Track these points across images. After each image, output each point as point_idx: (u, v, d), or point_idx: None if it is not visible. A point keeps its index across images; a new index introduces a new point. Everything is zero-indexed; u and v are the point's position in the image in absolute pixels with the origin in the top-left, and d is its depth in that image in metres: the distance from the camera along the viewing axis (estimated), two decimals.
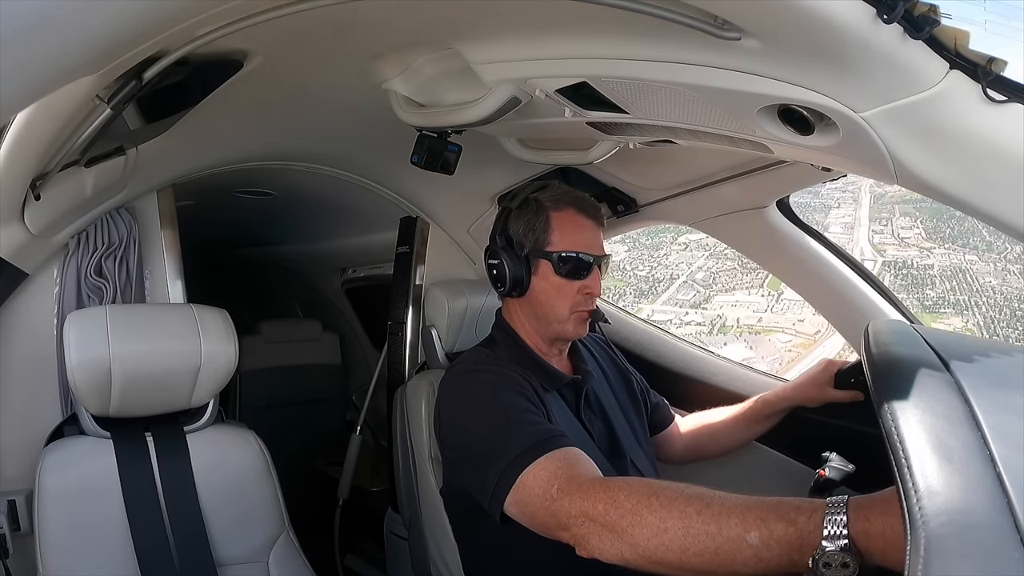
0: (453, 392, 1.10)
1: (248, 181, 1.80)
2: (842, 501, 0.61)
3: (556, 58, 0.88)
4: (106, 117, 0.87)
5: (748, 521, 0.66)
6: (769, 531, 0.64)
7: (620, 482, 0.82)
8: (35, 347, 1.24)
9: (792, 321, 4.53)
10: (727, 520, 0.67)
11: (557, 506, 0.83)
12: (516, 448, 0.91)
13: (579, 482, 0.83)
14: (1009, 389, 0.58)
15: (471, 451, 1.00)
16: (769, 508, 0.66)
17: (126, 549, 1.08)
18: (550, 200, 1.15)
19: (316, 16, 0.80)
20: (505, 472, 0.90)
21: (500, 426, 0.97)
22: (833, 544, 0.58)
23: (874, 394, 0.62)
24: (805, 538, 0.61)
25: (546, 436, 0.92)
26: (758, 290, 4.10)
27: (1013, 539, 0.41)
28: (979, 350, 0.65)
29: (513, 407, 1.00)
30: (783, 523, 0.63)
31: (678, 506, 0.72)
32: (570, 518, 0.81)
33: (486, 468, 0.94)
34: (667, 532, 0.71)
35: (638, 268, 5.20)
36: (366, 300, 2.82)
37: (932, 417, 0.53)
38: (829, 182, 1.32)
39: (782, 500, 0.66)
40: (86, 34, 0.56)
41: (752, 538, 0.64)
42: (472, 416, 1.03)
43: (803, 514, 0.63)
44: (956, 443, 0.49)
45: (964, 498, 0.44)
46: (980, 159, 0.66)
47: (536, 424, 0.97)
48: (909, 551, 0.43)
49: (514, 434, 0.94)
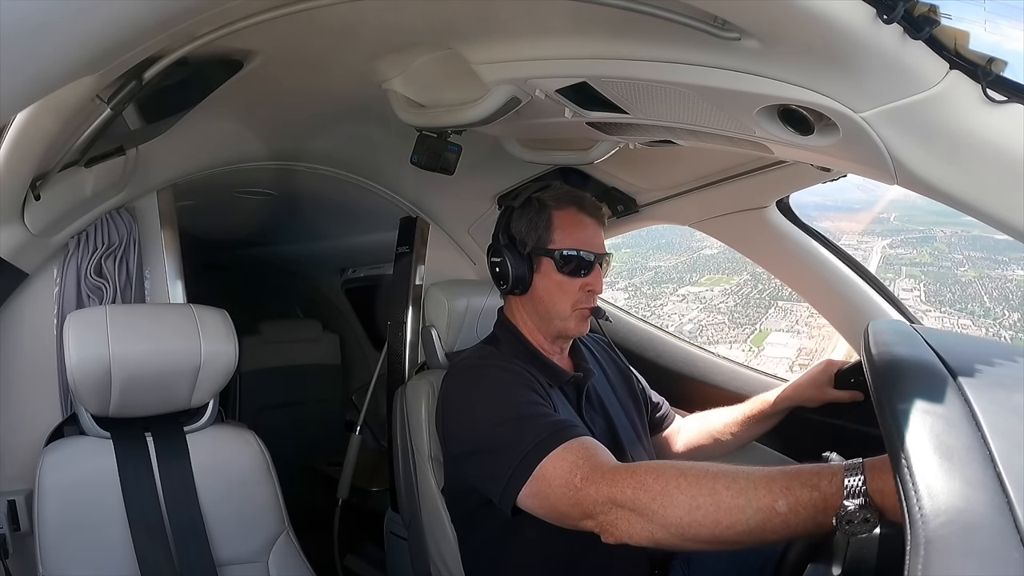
0: (458, 387, 1.10)
1: (248, 181, 1.80)
2: (858, 464, 0.65)
3: (556, 58, 0.88)
4: (106, 117, 0.87)
5: (775, 491, 0.70)
6: (796, 497, 0.68)
7: (645, 466, 0.84)
8: (35, 347, 1.24)
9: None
10: (755, 492, 0.71)
11: (583, 495, 0.84)
12: (530, 440, 0.91)
13: (603, 470, 0.84)
14: (1009, 389, 0.58)
15: (479, 445, 1.00)
16: (792, 476, 0.70)
17: (126, 549, 1.07)
18: (552, 199, 1.16)
19: (316, 16, 0.80)
20: (520, 464, 0.90)
21: (510, 419, 0.97)
22: (853, 503, 0.62)
23: (874, 394, 0.62)
24: (828, 500, 0.66)
25: (560, 427, 0.93)
26: (740, 345, 4.14)
27: (1013, 539, 0.41)
28: (979, 350, 0.65)
29: (522, 400, 1.00)
30: (807, 488, 0.68)
31: (707, 483, 0.75)
32: (596, 506, 0.82)
33: (497, 461, 0.94)
34: (699, 509, 0.74)
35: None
36: (366, 300, 2.82)
37: (932, 417, 0.53)
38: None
39: (801, 467, 0.71)
40: (86, 34, 0.56)
41: (780, 506, 0.69)
42: (480, 410, 1.03)
43: (824, 478, 0.67)
44: (956, 443, 0.49)
45: (964, 498, 0.44)
46: (980, 159, 0.66)
47: (548, 416, 0.97)
48: (909, 551, 0.43)
49: (526, 426, 0.94)
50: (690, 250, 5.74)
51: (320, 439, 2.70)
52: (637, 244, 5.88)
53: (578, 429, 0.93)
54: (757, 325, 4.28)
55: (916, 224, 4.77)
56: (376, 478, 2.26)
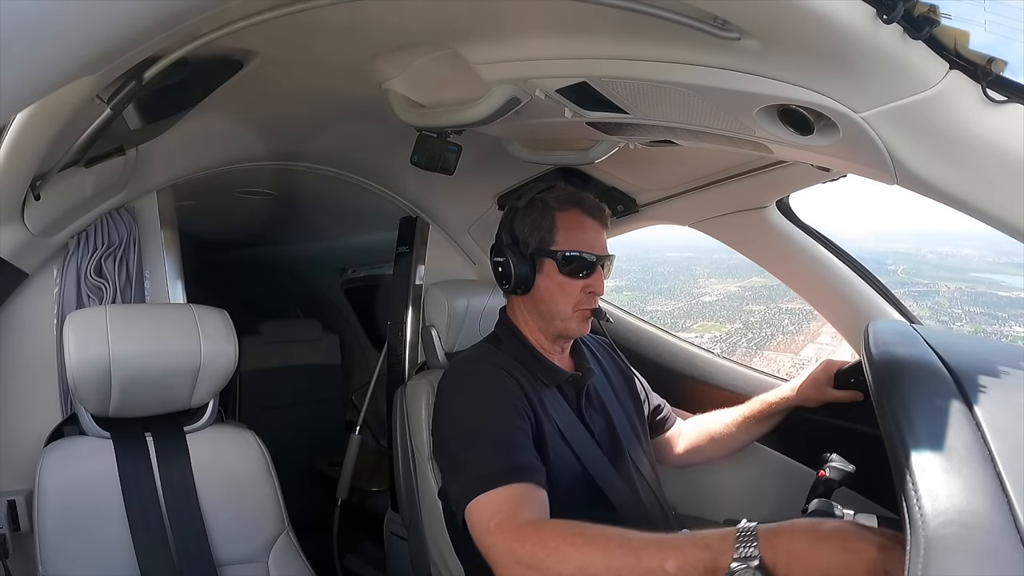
0: (443, 391, 1.13)
1: (248, 181, 1.80)
2: (751, 528, 0.68)
3: (556, 58, 0.88)
4: (106, 117, 0.87)
5: (665, 551, 0.73)
6: (685, 557, 0.71)
7: (550, 524, 0.88)
8: (35, 347, 1.24)
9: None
10: (645, 551, 0.74)
11: (490, 541, 0.88)
12: (481, 468, 0.95)
13: (515, 522, 0.88)
14: (1009, 389, 0.58)
15: (449, 448, 1.05)
16: (684, 539, 0.74)
17: (126, 549, 1.07)
18: (556, 200, 1.17)
19: (316, 16, 0.80)
20: (466, 487, 0.95)
21: (479, 435, 1.01)
22: (743, 564, 0.66)
23: (874, 394, 0.62)
24: (718, 560, 0.68)
25: (510, 466, 0.95)
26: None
27: (1013, 539, 0.41)
28: (979, 350, 0.65)
29: (498, 418, 1.02)
30: (697, 549, 0.71)
31: (600, 542, 0.78)
32: (499, 556, 0.86)
33: (455, 473, 1.00)
34: (591, 566, 0.76)
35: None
36: (366, 300, 2.82)
37: (932, 417, 0.53)
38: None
39: (697, 532, 0.75)
40: (86, 34, 0.56)
41: (670, 566, 0.71)
42: (453, 421, 1.07)
43: (715, 540, 0.70)
44: (956, 443, 0.49)
45: (964, 498, 0.44)
46: (980, 159, 0.66)
47: (509, 449, 0.99)
48: (909, 551, 0.43)
49: (487, 451, 0.98)
50: (690, 295, 5.85)
51: (320, 439, 2.70)
52: (639, 287, 6.00)
53: (527, 473, 0.95)
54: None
55: (921, 278, 4.87)
56: (376, 478, 2.26)
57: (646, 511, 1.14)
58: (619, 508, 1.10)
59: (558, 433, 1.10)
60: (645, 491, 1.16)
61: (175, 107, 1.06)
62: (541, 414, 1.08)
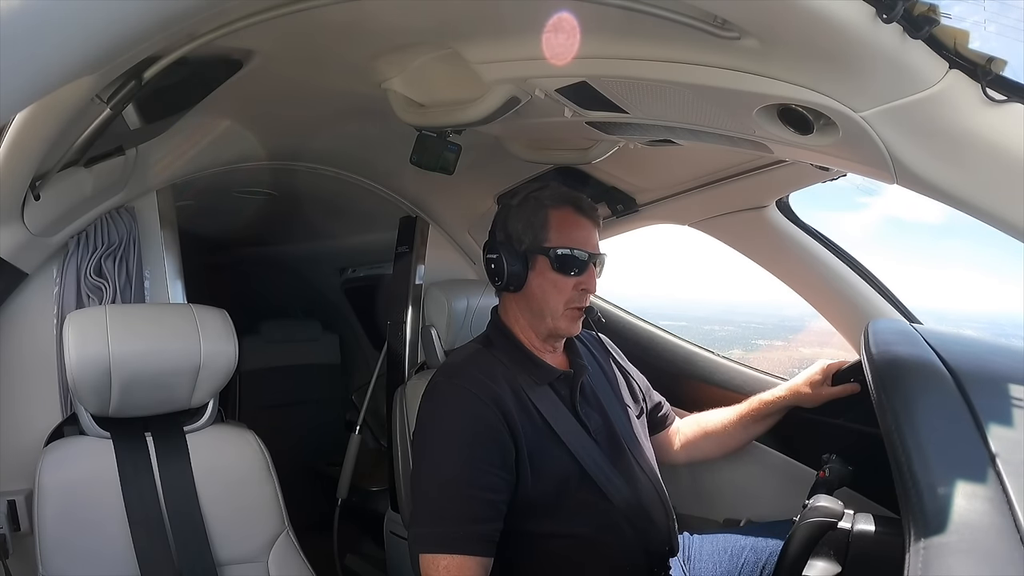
0: (427, 409, 1.12)
1: (248, 181, 1.80)
2: None
3: None
4: (106, 117, 0.87)
5: None
6: None
7: None
8: (35, 347, 1.24)
9: None
10: None
11: None
12: (438, 524, 0.99)
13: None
14: (1009, 389, 0.58)
15: (418, 479, 1.06)
16: None
17: (126, 549, 1.07)
18: (549, 198, 1.17)
19: (316, 16, 0.80)
20: (420, 538, 0.99)
21: (445, 486, 1.02)
22: None
23: (874, 394, 0.62)
24: None
25: (460, 536, 0.98)
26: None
27: (1013, 539, 0.41)
28: (979, 350, 0.65)
29: (466, 468, 1.01)
30: None
31: None
32: None
33: (416, 510, 1.03)
34: None
35: None
36: (366, 300, 2.82)
37: (932, 417, 0.53)
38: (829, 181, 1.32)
39: None
40: (86, 34, 0.56)
41: None
42: (432, 451, 1.06)
43: None
44: (956, 443, 0.49)
45: (964, 498, 0.44)
46: (980, 159, 0.66)
47: (466, 514, 0.99)
48: (909, 551, 0.43)
49: (447, 507, 1.00)
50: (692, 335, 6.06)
51: (320, 439, 2.70)
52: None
53: (477, 546, 0.98)
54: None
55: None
56: (376, 478, 2.26)
57: (646, 507, 1.14)
58: (618, 504, 1.10)
59: (550, 432, 1.09)
60: (646, 487, 1.16)
61: (175, 107, 1.05)
62: (526, 422, 1.08)
